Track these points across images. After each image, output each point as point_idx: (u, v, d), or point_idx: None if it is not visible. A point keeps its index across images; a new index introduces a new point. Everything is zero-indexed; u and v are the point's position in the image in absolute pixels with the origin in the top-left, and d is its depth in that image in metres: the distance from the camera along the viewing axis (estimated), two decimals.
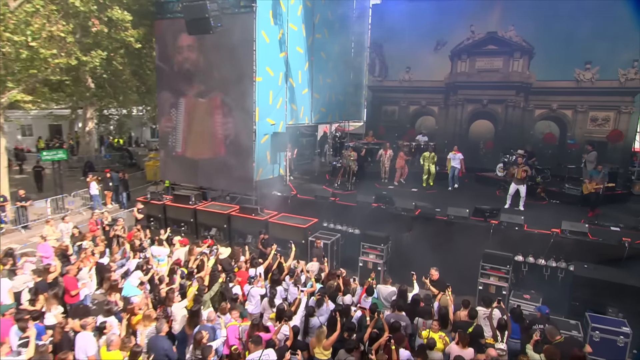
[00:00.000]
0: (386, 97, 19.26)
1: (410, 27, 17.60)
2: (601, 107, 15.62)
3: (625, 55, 14.90)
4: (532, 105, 16.60)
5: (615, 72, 15.15)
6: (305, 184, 14.96)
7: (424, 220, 11.20)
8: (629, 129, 15.38)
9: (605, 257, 9.33)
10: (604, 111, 15.70)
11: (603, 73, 15.30)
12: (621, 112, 15.35)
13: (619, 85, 15.14)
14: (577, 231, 9.81)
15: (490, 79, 17.02)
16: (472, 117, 17.67)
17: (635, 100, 15.10)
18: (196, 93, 13.71)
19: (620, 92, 15.16)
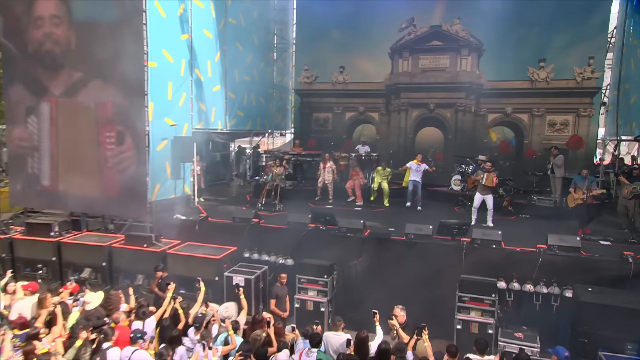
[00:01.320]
0: (317, 102, 17.90)
1: (343, 18, 16.53)
2: (559, 110, 15.35)
3: (580, 52, 14.81)
4: (485, 109, 16.05)
5: (571, 71, 14.97)
6: (219, 205, 12.77)
7: (377, 243, 9.54)
8: (590, 134, 15.08)
9: (606, 276, 8.21)
10: (561, 114, 15.41)
11: (558, 72, 15.08)
12: (580, 115, 15.13)
13: (576, 85, 14.97)
14: (568, 246, 8.62)
15: (436, 80, 16.33)
16: (418, 124, 16.77)
17: (593, 102, 14.95)
18: (64, 88, 11.05)
19: (578, 93, 14.98)
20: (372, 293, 8.76)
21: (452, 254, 8.99)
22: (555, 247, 8.64)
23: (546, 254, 8.54)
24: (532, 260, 8.56)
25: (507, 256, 8.82)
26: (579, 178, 10.40)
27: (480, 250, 8.94)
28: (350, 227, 9.85)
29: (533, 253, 8.66)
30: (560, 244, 8.67)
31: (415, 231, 9.46)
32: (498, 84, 15.64)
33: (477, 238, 9.09)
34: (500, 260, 8.78)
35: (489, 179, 10.51)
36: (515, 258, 8.75)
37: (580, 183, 10.27)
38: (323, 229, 10.04)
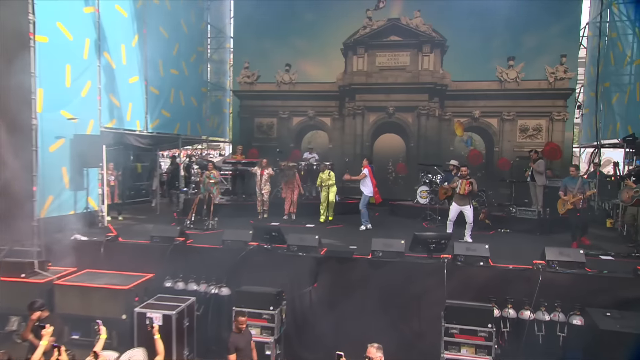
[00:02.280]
0: (259, 106, 16.56)
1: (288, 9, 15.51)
2: (530, 114, 14.87)
3: (552, 49, 14.44)
4: (450, 113, 15.32)
5: (542, 71, 14.57)
6: (137, 224, 10.89)
7: (336, 264, 8.13)
8: (565, 141, 14.54)
9: (619, 297, 7.09)
10: (534, 119, 14.90)
11: (529, 71, 14.69)
12: (554, 119, 14.69)
13: (548, 86, 14.59)
14: (570, 262, 7.51)
15: (395, 80, 15.53)
16: (376, 131, 15.77)
17: (568, 104, 14.52)
18: None
19: (550, 94, 14.60)
20: (334, 328, 7.33)
21: (430, 274, 7.73)
22: (555, 263, 7.51)
23: (545, 272, 7.36)
24: (528, 280, 7.43)
25: (497, 276, 7.64)
26: (568, 179, 9.60)
27: (465, 269, 7.73)
28: (302, 245, 8.33)
29: (529, 271, 7.51)
30: (561, 258, 7.56)
31: (383, 248, 8.10)
32: (464, 85, 15.09)
33: (459, 254, 7.87)
34: (490, 280, 7.60)
35: (462, 187, 9.37)
36: (508, 278, 7.59)
37: (571, 185, 9.42)
38: (268, 248, 8.45)
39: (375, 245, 8.14)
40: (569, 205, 9.29)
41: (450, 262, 7.73)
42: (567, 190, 9.42)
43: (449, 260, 7.75)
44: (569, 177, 9.61)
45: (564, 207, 9.41)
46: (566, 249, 7.86)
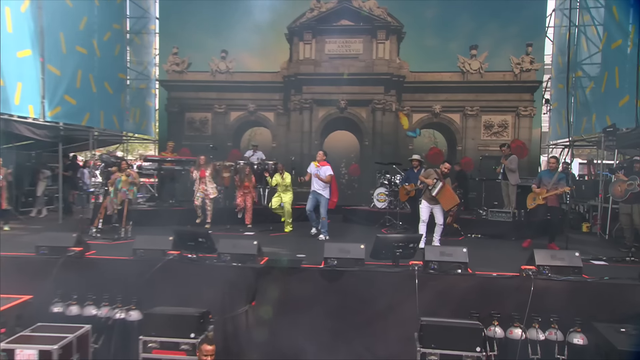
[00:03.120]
0: (191, 98, 15.10)
1: None
2: (495, 108, 14.29)
3: (517, 37, 13.97)
4: (408, 107, 14.49)
5: (507, 61, 14.04)
6: (26, 235, 9.09)
7: (280, 276, 6.79)
8: (532, 139, 13.95)
9: (628, 308, 6.11)
10: (499, 114, 14.34)
11: (493, 62, 14.15)
12: (520, 114, 14.14)
13: (514, 78, 14.07)
14: (565, 267, 6.53)
15: (347, 70, 14.57)
16: (326, 127, 14.72)
17: (535, 98, 14.02)
18: None
19: (516, 87, 14.09)
20: (277, 356, 5.89)
21: (398, 286, 6.56)
22: (547, 269, 6.48)
23: (537, 279, 6.31)
24: (517, 290, 6.38)
25: (479, 286, 6.54)
26: (545, 172, 9.02)
27: (440, 279, 6.60)
28: (236, 254, 6.92)
29: (517, 279, 6.47)
30: (554, 263, 6.56)
31: (338, 254, 6.85)
32: (423, 76, 14.42)
33: (432, 260, 6.70)
34: (470, 292, 6.51)
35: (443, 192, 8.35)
36: (492, 288, 6.52)
37: (547, 178, 8.76)
38: (193, 257, 6.97)
39: (328, 252, 6.86)
40: (539, 200, 8.61)
41: (421, 270, 6.56)
42: (542, 183, 8.77)
43: (420, 268, 6.57)
44: (546, 170, 9.03)
45: (534, 202, 8.75)
46: (559, 251, 6.92)
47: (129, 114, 13.78)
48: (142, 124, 14.70)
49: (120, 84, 13.20)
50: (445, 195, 8.33)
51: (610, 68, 10.34)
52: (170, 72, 14.95)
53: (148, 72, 14.85)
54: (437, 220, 8.64)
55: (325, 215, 9.64)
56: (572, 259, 6.57)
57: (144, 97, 14.79)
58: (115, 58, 12.75)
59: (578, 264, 6.52)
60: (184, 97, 15.04)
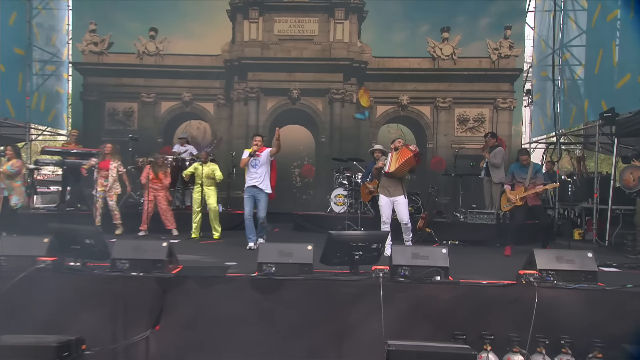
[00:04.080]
0: (113, 85, 13.67)
1: None
2: (471, 100, 13.50)
3: (494, 18, 13.23)
4: (372, 98, 13.64)
5: (483, 46, 13.30)
6: None
7: (197, 287, 5.39)
8: (513, 135, 13.10)
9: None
10: (475, 106, 13.61)
11: (468, 47, 13.39)
12: (498, 107, 13.36)
13: (491, 66, 13.31)
14: (575, 271, 5.38)
15: (300, 54, 13.60)
16: (276, 121, 13.37)
17: (515, 89, 13.28)
18: None
19: (494, 76, 13.34)
20: None
21: (357, 299, 5.30)
22: (552, 274, 5.28)
23: (540, 288, 5.07)
24: (514, 303, 5.19)
25: (464, 298, 5.27)
26: (516, 166, 8.22)
27: (413, 289, 5.33)
28: (137, 260, 5.41)
29: (515, 288, 5.27)
30: (561, 267, 5.40)
31: (278, 259, 5.50)
32: (388, 62, 13.58)
33: (402, 265, 5.43)
34: (453, 305, 5.28)
35: (397, 159, 7.22)
36: (482, 300, 5.30)
37: (520, 174, 8.04)
38: (75, 266, 5.43)
39: (264, 256, 5.49)
40: (516, 201, 7.86)
41: (388, 278, 5.27)
42: (516, 180, 8.07)
43: (386, 275, 5.27)
44: (517, 164, 8.22)
45: (509, 204, 8.04)
46: (567, 251, 5.70)
47: (34, 102, 12.07)
48: (50, 115, 12.97)
49: (19, 62, 11.48)
50: (398, 162, 7.15)
51: (606, 44, 9.48)
52: (87, 53, 13.48)
53: (59, 53, 13.20)
54: (400, 219, 7.50)
55: (265, 218, 8.22)
56: (584, 261, 5.39)
57: (52, 82, 13.13)
58: (11, 29, 11.05)
59: (592, 267, 5.35)
60: (104, 84, 13.60)
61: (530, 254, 5.50)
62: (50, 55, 12.95)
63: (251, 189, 8.08)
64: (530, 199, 7.80)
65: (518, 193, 7.82)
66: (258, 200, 8.11)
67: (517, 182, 7.98)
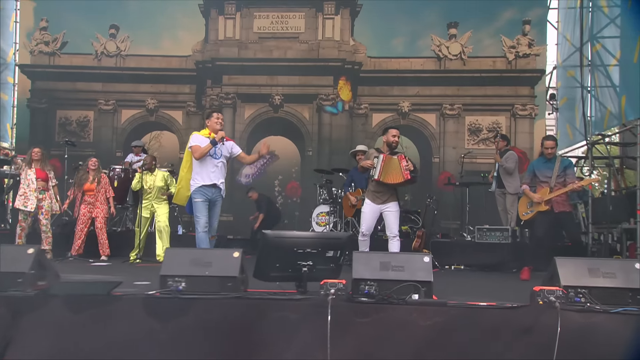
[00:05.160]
0: (65, 90, 13.09)
1: None
2: (484, 107, 12.61)
3: (509, 13, 12.54)
4: (365, 105, 12.82)
5: (497, 44, 12.50)
6: None
7: (63, 311, 4.04)
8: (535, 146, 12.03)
9: None
10: (489, 114, 12.79)
11: (479, 44, 12.64)
12: (517, 115, 12.36)
13: (507, 66, 12.51)
14: (614, 289, 4.20)
15: (284, 55, 12.97)
16: (255, 132, 13.00)
17: (536, 93, 12.37)
18: None
19: (511, 79, 12.55)
20: None
21: (295, 327, 4.09)
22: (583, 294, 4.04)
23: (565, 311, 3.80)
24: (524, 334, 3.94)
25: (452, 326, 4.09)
26: (539, 162, 7.14)
27: (378, 314, 4.12)
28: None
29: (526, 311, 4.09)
30: (595, 283, 4.15)
31: (191, 271, 4.30)
32: (386, 63, 12.98)
33: (365, 279, 4.21)
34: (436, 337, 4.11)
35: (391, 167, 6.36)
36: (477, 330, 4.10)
37: (544, 171, 6.88)
38: None
39: (171, 265, 4.31)
40: (540, 206, 6.61)
41: (343, 298, 4.03)
42: (538, 180, 6.89)
43: (340, 293, 4.02)
44: (541, 159, 7.09)
45: (530, 209, 6.81)
46: (605, 261, 4.48)
47: None
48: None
49: None
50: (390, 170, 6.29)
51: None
52: (36, 54, 12.88)
53: (2, 52, 12.45)
54: (389, 230, 6.44)
55: (217, 230, 6.86)
56: (630, 276, 4.10)
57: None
58: None
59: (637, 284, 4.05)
60: (56, 89, 12.99)
61: (552, 263, 4.25)
62: None
63: (208, 189, 6.28)
64: (558, 204, 6.56)
65: (542, 194, 6.59)
66: (213, 205, 6.48)
67: (539, 182, 6.76)
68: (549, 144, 6.76)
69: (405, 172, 6.16)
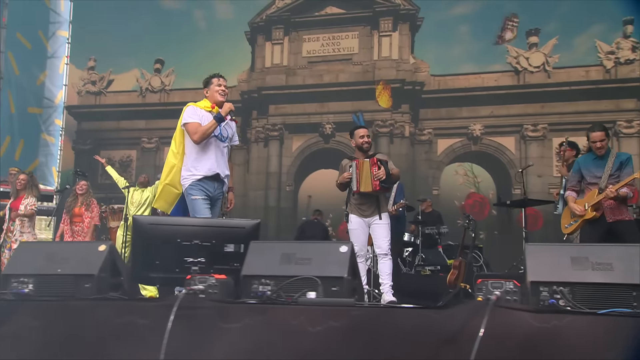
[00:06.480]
0: (109, 130, 13.77)
1: None
2: (575, 126, 11.14)
3: (604, 13, 11.51)
4: (429, 130, 12.23)
5: (591, 50, 11.45)
6: None
7: None
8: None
9: None
10: (582, 134, 10.85)
11: (567, 52, 11.65)
12: (620, 134, 11.16)
13: (605, 76, 11.46)
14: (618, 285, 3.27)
15: (335, 79, 12.75)
16: (304, 166, 12.82)
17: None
18: None
19: (610, 91, 11.42)
20: None
21: (147, 336, 3.25)
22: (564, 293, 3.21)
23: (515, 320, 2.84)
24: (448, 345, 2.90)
25: (351, 333, 3.17)
26: (586, 159, 6.22)
27: (253, 317, 3.37)
28: None
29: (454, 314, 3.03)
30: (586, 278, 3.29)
31: (42, 269, 3.92)
32: (453, 81, 12.41)
33: (260, 277, 3.63)
34: (324, 346, 3.23)
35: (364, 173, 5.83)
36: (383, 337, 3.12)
37: (593, 170, 5.90)
38: None
39: (20, 263, 3.88)
40: (587, 213, 5.62)
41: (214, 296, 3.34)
42: (585, 183, 5.91)
43: (212, 292, 3.41)
44: (587, 156, 6.20)
45: (574, 220, 5.90)
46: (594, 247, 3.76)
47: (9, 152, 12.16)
48: (30, 166, 12.59)
49: None
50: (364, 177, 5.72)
51: None
52: (83, 94, 13.63)
53: (50, 94, 13.41)
54: (377, 246, 5.83)
55: None
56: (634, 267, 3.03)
57: (35, 128, 13.18)
58: None
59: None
60: (101, 129, 13.66)
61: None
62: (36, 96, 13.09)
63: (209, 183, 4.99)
64: (612, 210, 5.42)
65: (588, 199, 5.51)
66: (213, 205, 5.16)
67: (587, 185, 5.69)
68: (597, 136, 5.58)
69: (375, 182, 5.49)
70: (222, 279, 3.34)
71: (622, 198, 5.33)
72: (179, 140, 5.09)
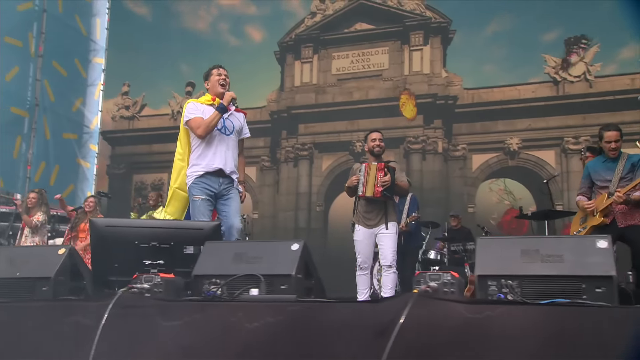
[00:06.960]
0: (141, 154, 14.15)
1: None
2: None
3: None
4: (463, 145, 11.98)
5: (633, 57, 10.97)
6: None
7: None
8: None
9: None
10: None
11: (609, 61, 11.33)
12: None
13: None
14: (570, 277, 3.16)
15: (365, 96, 12.64)
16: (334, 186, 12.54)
17: None
18: None
19: None
20: None
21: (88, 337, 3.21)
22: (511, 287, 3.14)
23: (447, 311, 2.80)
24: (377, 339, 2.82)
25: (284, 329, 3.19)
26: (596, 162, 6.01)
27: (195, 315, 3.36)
28: None
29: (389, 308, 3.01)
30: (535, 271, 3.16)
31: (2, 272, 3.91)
32: (487, 95, 12.12)
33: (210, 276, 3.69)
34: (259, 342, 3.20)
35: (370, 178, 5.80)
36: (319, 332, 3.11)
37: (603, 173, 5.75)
38: None
39: None
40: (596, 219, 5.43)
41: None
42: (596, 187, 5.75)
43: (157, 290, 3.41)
44: (598, 159, 6.00)
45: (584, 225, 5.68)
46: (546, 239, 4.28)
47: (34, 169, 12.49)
48: (66, 191, 12.88)
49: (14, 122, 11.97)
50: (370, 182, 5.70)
51: None
52: (117, 119, 13.98)
53: (84, 119, 13.85)
54: (383, 257, 5.75)
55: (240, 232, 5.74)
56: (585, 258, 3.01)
57: (71, 154, 13.51)
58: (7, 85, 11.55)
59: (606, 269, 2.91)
60: (134, 153, 13.98)
61: None
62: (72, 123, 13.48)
63: (212, 179, 4.83)
64: (622, 215, 5.20)
65: (597, 204, 5.32)
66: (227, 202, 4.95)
67: (597, 189, 5.53)
68: (612, 135, 5.47)
69: (377, 187, 5.44)
70: (169, 277, 3.35)
71: (636, 202, 5.07)
72: (184, 141, 5.00)
